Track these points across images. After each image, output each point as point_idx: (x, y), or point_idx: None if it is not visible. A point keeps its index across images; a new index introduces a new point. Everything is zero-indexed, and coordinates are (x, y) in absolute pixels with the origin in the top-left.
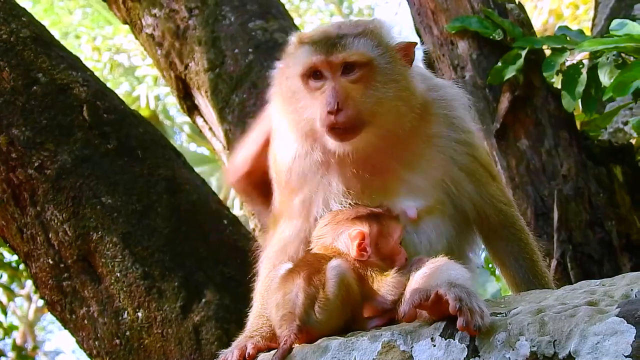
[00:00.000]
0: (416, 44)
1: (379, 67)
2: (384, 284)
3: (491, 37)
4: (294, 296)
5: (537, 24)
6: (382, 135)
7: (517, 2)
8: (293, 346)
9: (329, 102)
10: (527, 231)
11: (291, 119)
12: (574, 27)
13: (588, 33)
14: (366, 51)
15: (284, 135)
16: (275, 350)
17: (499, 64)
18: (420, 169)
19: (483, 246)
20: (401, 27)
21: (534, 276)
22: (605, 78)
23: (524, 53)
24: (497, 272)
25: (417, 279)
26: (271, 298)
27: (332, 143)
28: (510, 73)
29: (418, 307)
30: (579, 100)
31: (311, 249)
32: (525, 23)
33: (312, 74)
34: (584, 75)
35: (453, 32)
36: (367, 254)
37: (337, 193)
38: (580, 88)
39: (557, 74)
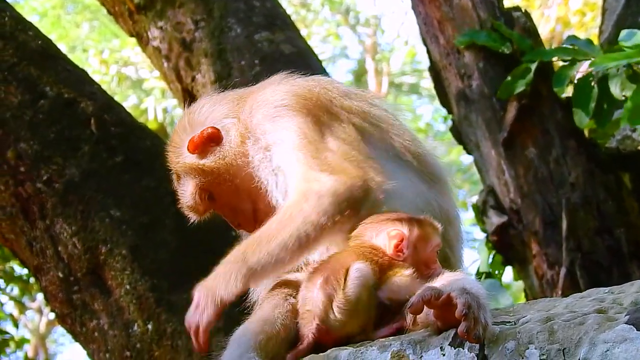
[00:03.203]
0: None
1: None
2: (391, 280)
3: (500, 50)
4: (315, 295)
5: (544, 31)
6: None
7: (523, 10)
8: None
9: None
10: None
11: None
12: (582, 34)
13: (596, 41)
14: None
15: None
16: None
17: (509, 78)
18: None
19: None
20: (407, 36)
21: None
22: (617, 90)
23: (533, 67)
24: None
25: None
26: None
27: None
28: (519, 87)
29: (427, 304)
30: None
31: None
32: (531, 31)
33: None
34: (595, 90)
35: (462, 46)
36: (403, 255)
37: None
38: (592, 104)
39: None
